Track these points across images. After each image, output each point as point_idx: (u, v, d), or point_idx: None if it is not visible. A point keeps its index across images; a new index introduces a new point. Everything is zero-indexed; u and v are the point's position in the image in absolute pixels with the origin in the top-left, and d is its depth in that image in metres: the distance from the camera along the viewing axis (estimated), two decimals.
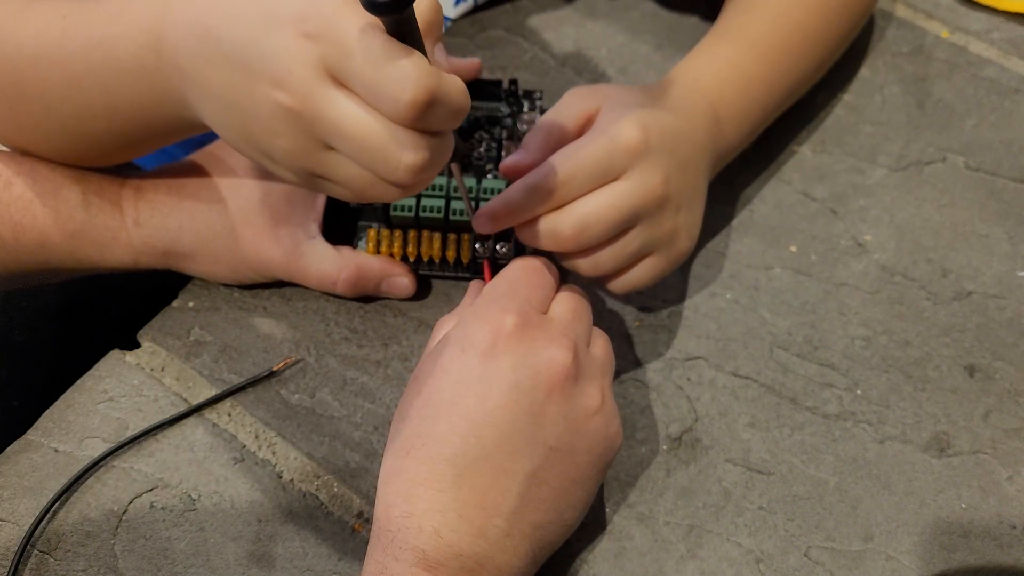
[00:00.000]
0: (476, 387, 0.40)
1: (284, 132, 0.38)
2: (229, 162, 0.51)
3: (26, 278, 0.51)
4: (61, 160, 0.49)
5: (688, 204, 0.48)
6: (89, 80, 0.44)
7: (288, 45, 0.36)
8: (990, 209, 0.57)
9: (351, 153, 0.37)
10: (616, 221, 0.45)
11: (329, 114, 0.36)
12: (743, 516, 0.47)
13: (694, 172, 0.49)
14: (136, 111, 0.45)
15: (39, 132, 0.48)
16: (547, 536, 0.41)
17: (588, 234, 0.45)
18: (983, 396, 0.51)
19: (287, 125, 0.37)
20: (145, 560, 0.45)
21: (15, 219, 0.48)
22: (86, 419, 0.49)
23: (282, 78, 0.36)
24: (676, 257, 0.49)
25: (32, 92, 0.46)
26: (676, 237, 0.48)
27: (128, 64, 0.43)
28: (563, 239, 0.45)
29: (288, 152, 0.39)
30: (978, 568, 0.46)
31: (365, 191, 0.39)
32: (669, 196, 0.46)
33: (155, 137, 0.47)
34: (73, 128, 0.47)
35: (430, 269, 0.53)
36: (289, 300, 0.53)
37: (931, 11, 0.66)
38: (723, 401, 0.50)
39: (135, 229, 0.49)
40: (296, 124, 0.37)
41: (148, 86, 0.43)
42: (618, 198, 0.45)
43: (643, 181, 0.45)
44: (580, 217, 0.45)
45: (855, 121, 0.61)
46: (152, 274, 0.52)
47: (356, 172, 0.38)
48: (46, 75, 0.45)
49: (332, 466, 0.48)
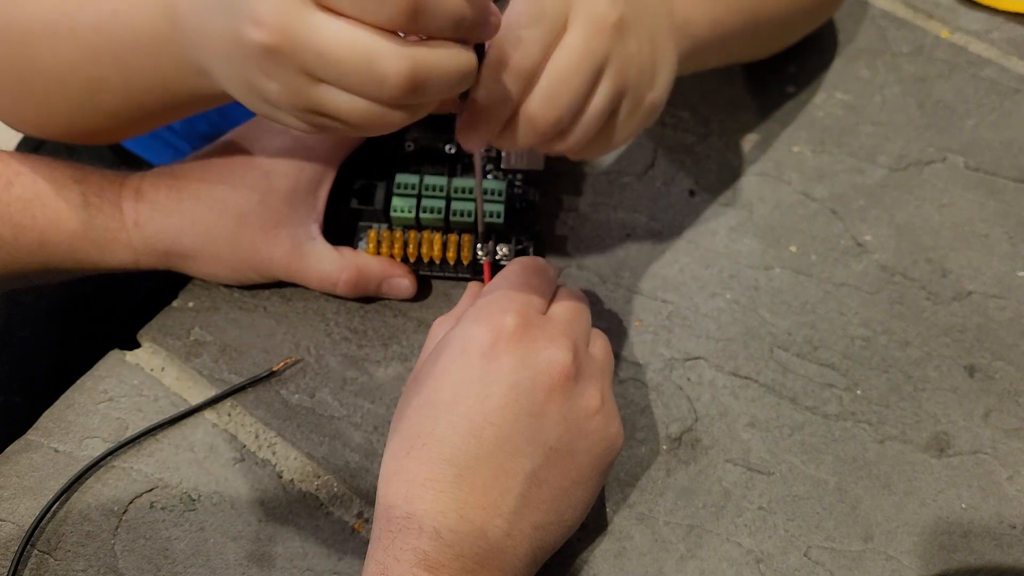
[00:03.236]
0: (476, 387, 0.40)
1: (272, 71, 0.36)
2: (229, 163, 0.51)
3: (26, 278, 0.51)
4: (69, 136, 0.48)
5: (650, 41, 0.43)
6: (104, 54, 0.43)
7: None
8: (990, 209, 0.57)
9: (336, 78, 0.35)
10: (582, 73, 0.40)
11: (310, 40, 0.34)
12: (743, 516, 0.47)
13: (650, 11, 0.44)
14: (152, 83, 0.44)
15: (50, 107, 0.47)
16: (547, 536, 0.41)
17: (559, 103, 0.40)
18: (983, 396, 0.51)
19: (273, 63, 0.35)
20: (145, 560, 0.45)
21: (15, 219, 0.48)
22: (86, 419, 0.49)
23: (259, 14, 0.34)
24: (648, 107, 0.44)
25: (45, 66, 0.45)
26: (643, 80, 0.43)
27: (143, 35, 0.42)
28: (538, 122, 0.40)
29: (281, 93, 0.37)
30: (978, 568, 0.46)
31: (365, 121, 0.36)
32: (625, 21, 0.41)
33: (169, 109, 0.46)
34: (86, 102, 0.46)
35: (430, 270, 0.53)
36: (289, 300, 0.53)
37: (931, 11, 0.66)
38: (723, 401, 0.50)
39: (135, 230, 0.49)
40: (279, 61, 0.35)
41: (164, 56, 0.42)
42: (570, 50, 0.40)
43: (590, 17, 0.40)
44: (544, 91, 0.40)
45: (855, 121, 0.61)
46: (152, 274, 0.52)
47: (348, 101, 0.36)
48: (59, 49, 0.44)
49: (332, 466, 0.48)
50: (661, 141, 0.60)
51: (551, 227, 0.56)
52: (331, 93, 0.36)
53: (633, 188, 0.58)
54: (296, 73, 0.35)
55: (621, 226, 0.56)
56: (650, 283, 0.54)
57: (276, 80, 0.36)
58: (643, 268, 0.55)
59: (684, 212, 0.57)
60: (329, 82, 0.35)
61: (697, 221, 0.57)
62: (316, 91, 0.36)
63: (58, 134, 0.49)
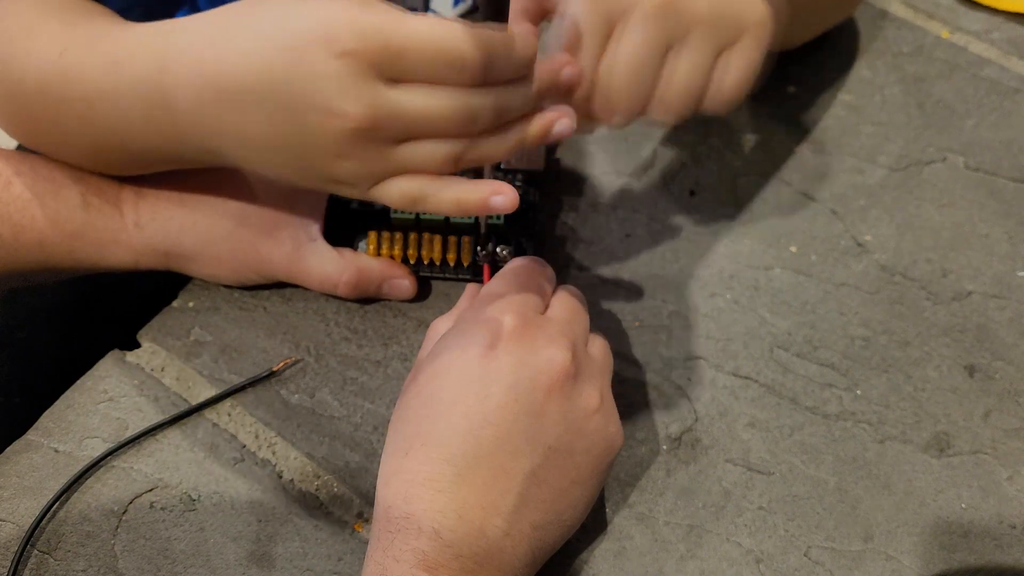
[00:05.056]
0: (475, 387, 0.40)
1: (351, 152, 0.38)
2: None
3: (25, 276, 0.51)
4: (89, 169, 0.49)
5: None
6: (98, 122, 0.44)
7: (328, 71, 0.36)
8: (990, 209, 0.57)
9: (434, 129, 0.38)
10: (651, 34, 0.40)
11: (401, 111, 0.37)
12: (743, 516, 0.47)
13: None
14: (152, 155, 0.45)
15: (61, 151, 0.49)
16: (547, 537, 0.41)
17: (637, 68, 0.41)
18: (983, 396, 0.51)
19: (354, 145, 0.38)
20: (145, 560, 0.45)
21: (14, 219, 0.48)
22: (86, 419, 0.49)
23: (335, 104, 0.36)
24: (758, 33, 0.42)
25: (44, 122, 0.46)
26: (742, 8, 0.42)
27: (136, 120, 0.42)
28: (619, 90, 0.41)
29: (358, 168, 0.39)
30: (978, 568, 0.46)
31: (449, 162, 0.39)
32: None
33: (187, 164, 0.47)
34: (93, 153, 0.47)
35: (431, 271, 0.53)
36: (289, 300, 0.53)
37: (931, 11, 0.66)
38: (723, 401, 0.50)
39: (135, 231, 0.49)
40: (365, 139, 0.38)
41: (163, 140, 0.43)
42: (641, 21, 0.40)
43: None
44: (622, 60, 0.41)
45: (855, 121, 0.61)
46: (152, 274, 0.52)
47: (435, 148, 0.39)
48: (54, 111, 0.45)
49: (332, 466, 0.48)
50: (661, 141, 0.60)
51: (551, 227, 0.56)
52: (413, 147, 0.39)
53: (633, 188, 0.58)
54: (380, 144, 0.38)
55: (621, 226, 0.56)
56: (650, 283, 0.54)
57: (352, 158, 0.39)
58: (643, 268, 0.55)
59: (684, 212, 0.57)
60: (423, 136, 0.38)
61: (697, 221, 0.57)
62: (397, 152, 0.39)
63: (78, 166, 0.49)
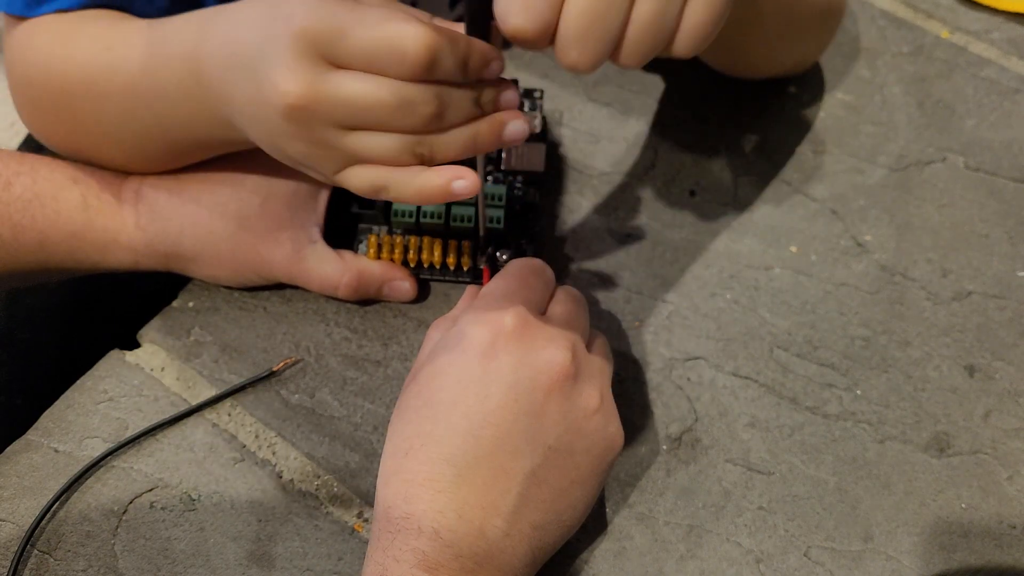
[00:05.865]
0: (475, 387, 0.40)
1: (296, 132, 0.38)
2: (231, 166, 0.51)
3: (25, 277, 0.51)
4: (125, 169, 0.50)
5: None
6: (140, 108, 0.46)
7: (280, 46, 0.37)
8: (990, 209, 0.57)
9: (374, 118, 0.37)
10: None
11: (339, 95, 0.37)
12: (743, 516, 0.47)
13: None
14: (189, 133, 0.46)
15: (100, 148, 0.49)
16: (546, 537, 0.41)
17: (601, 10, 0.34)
18: (983, 396, 0.51)
19: (296, 124, 0.38)
20: (145, 560, 0.45)
21: (14, 219, 0.48)
22: (86, 419, 0.49)
23: (279, 79, 0.37)
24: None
25: (87, 117, 0.48)
26: None
27: (172, 92, 0.44)
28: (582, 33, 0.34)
29: (308, 149, 0.39)
30: (978, 568, 0.46)
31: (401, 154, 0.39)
32: None
33: (215, 150, 0.49)
34: (133, 146, 0.48)
35: (431, 274, 0.53)
36: (289, 300, 0.53)
37: (931, 11, 0.66)
38: (723, 401, 0.50)
39: (136, 232, 0.49)
40: (305, 119, 0.38)
41: (196, 111, 0.44)
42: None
43: None
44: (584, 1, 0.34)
45: (855, 121, 0.61)
46: (152, 274, 0.52)
47: (382, 140, 0.38)
48: (97, 105, 0.47)
49: (332, 466, 0.48)
50: (661, 141, 0.60)
51: (551, 228, 0.56)
52: (364, 137, 0.39)
53: (633, 188, 0.58)
54: (325, 127, 0.38)
55: (621, 226, 0.56)
56: (650, 283, 0.54)
57: (301, 140, 0.39)
58: (643, 268, 0.55)
59: (684, 212, 0.57)
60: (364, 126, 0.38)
61: (697, 221, 0.57)
62: (348, 139, 0.39)
63: (114, 167, 0.50)
